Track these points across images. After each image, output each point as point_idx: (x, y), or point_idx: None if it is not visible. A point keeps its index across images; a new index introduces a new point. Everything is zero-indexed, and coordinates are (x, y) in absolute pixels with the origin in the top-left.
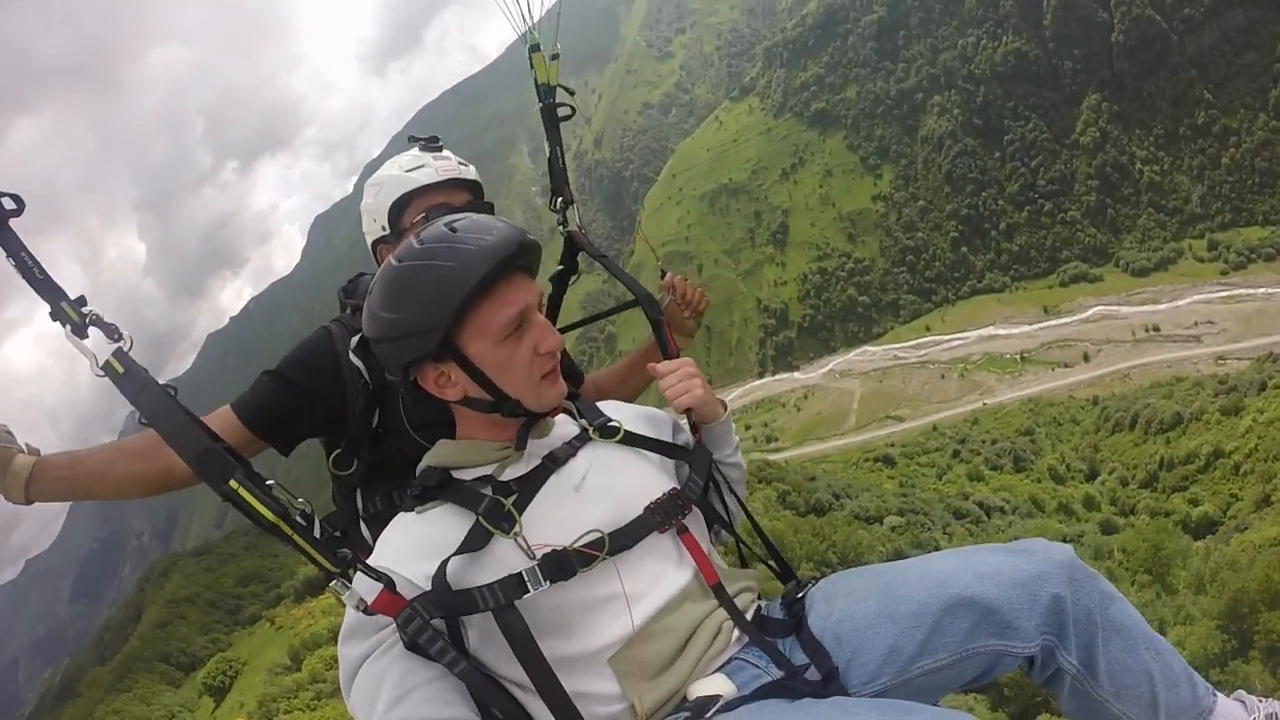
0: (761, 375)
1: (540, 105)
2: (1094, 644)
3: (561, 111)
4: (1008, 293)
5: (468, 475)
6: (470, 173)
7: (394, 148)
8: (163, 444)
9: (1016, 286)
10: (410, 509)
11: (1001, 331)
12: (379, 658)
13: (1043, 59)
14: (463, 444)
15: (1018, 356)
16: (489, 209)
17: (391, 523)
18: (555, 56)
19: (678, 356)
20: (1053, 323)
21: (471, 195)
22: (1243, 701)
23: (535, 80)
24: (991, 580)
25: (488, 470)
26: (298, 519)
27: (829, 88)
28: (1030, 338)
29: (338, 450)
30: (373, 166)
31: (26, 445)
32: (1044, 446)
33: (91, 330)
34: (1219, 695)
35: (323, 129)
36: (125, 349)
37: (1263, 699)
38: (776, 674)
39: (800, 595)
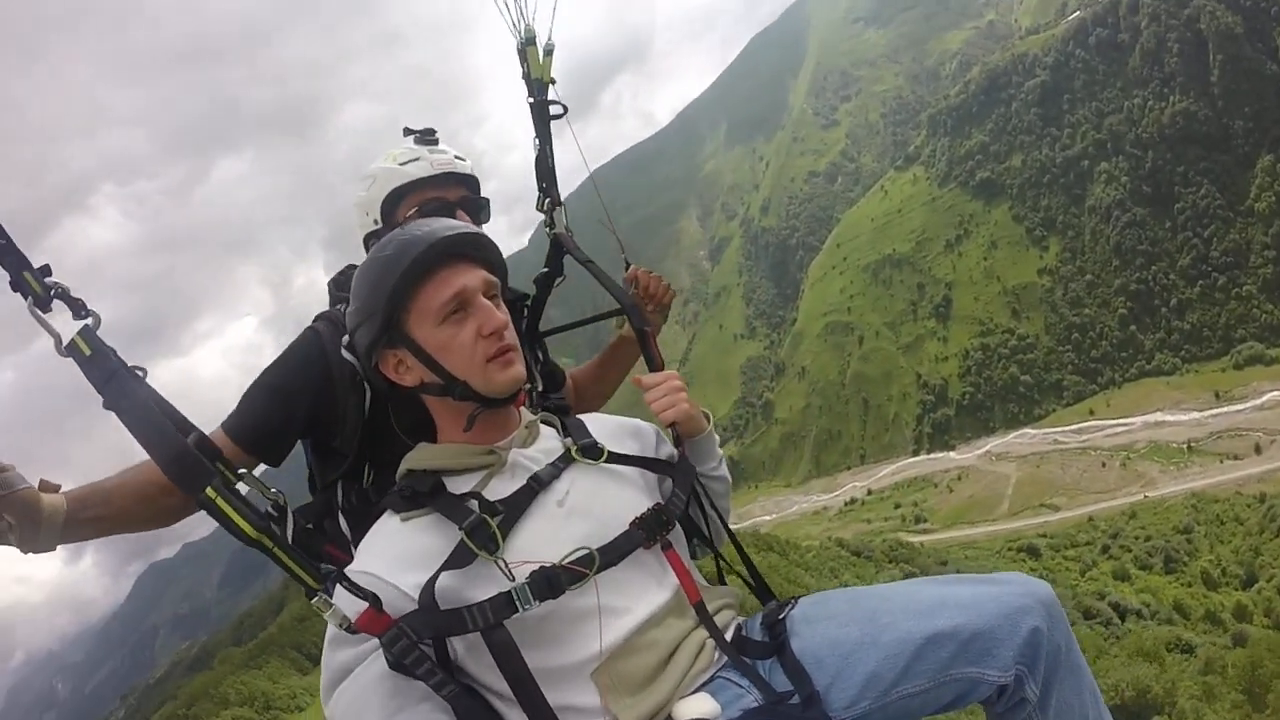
0: (916, 453)
1: (531, 101)
2: (1053, 679)
3: (553, 109)
4: (1178, 375)
5: (457, 488)
6: (466, 167)
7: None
8: None
9: (1187, 369)
10: (399, 510)
11: (1169, 418)
12: (365, 671)
13: (1212, 119)
14: (444, 447)
15: (1184, 446)
16: (484, 205)
17: (376, 525)
18: (549, 51)
19: (663, 369)
20: (1224, 409)
21: (467, 190)
22: None
23: (527, 74)
24: (974, 610)
25: (474, 482)
26: (270, 509)
27: (994, 156)
28: (1199, 425)
29: (326, 447)
30: None
31: (42, 481)
32: (1200, 547)
33: (56, 305)
34: None
35: (502, 184)
36: (93, 327)
37: None
38: (758, 695)
39: (781, 617)
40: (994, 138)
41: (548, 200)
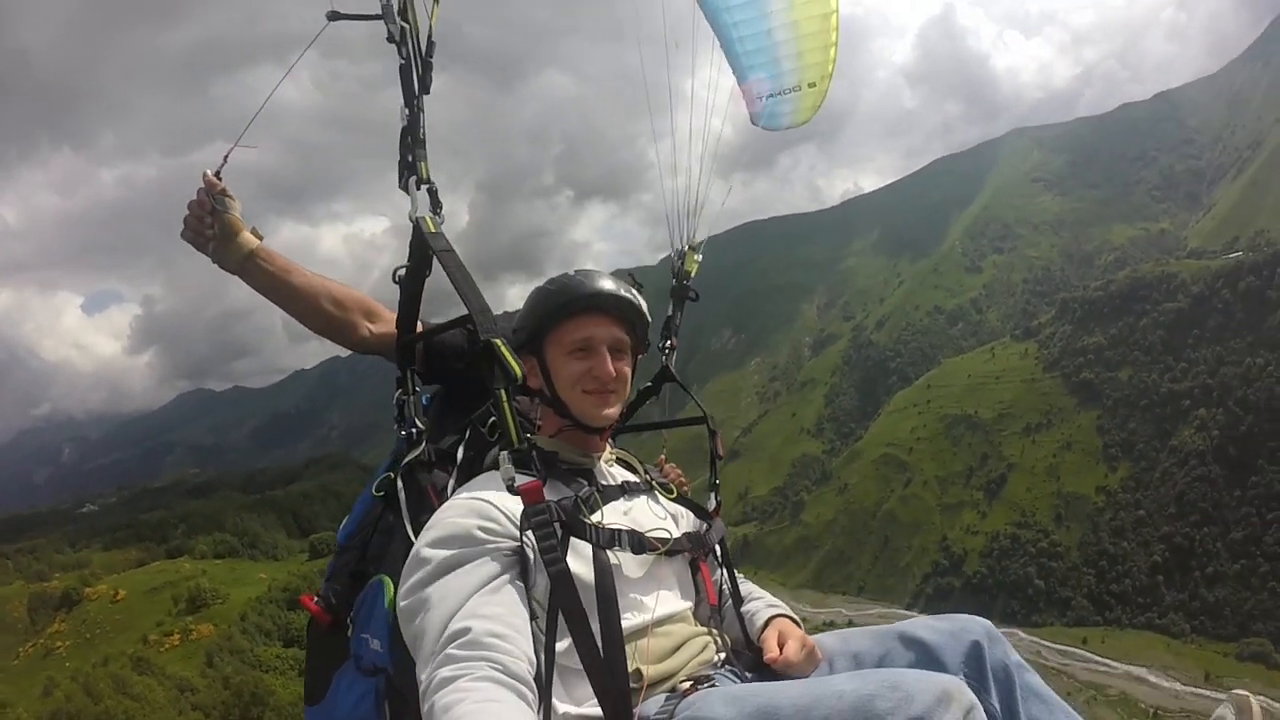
0: (909, 607)
1: (674, 284)
2: (1014, 699)
3: (690, 296)
4: (1181, 641)
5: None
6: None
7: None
8: (361, 305)
9: (1192, 639)
10: (510, 469)
11: (1151, 678)
12: (470, 571)
13: None
14: (552, 439)
15: (1151, 712)
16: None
17: (487, 474)
18: (698, 249)
19: (722, 459)
20: (1206, 692)
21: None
22: None
23: (678, 269)
24: (926, 627)
25: (582, 465)
26: (412, 431)
27: (1105, 361)
28: (1175, 698)
29: (475, 393)
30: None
31: (254, 229)
32: None
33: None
34: None
35: (655, 200)
36: (440, 221)
37: None
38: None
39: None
40: (1112, 344)
41: (669, 343)
